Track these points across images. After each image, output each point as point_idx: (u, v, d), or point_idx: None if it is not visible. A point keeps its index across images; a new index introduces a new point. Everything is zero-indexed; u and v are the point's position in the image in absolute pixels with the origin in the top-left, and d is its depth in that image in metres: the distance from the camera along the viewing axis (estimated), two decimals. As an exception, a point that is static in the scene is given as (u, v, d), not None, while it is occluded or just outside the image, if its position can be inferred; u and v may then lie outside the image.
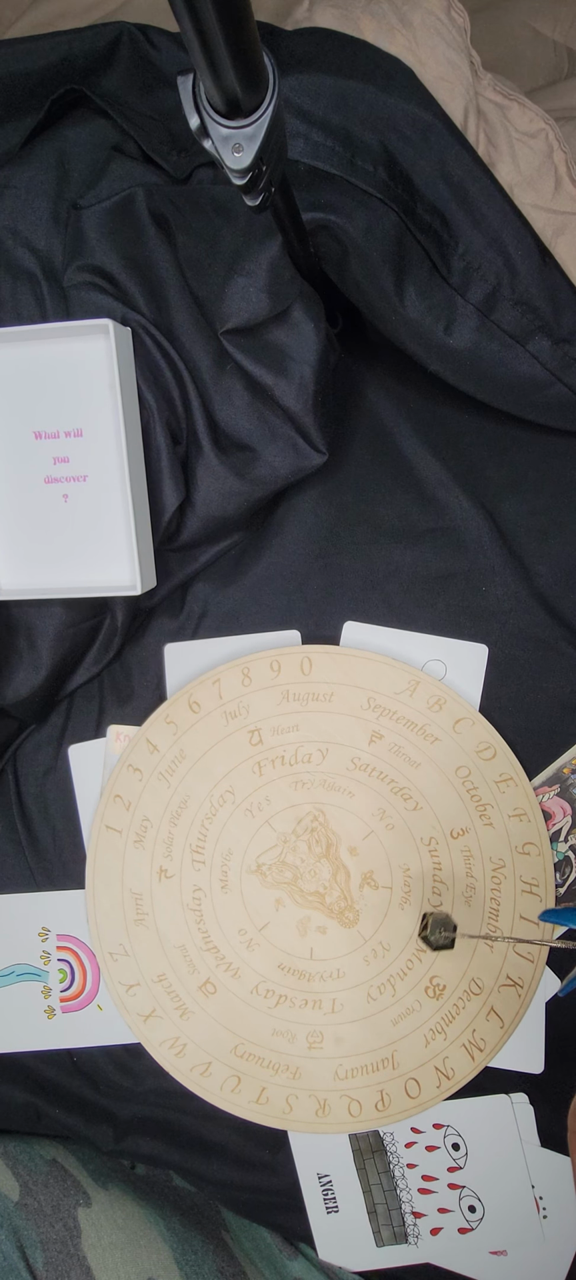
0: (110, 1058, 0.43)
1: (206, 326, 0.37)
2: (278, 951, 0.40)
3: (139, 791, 0.41)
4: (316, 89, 0.35)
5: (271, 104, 0.21)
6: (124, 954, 0.40)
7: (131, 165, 0.37)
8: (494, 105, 0.38)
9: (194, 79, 0.21)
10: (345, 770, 0.40)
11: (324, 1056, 0.39)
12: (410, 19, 0.37)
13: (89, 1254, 0.36)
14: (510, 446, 0.42)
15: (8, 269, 0.36)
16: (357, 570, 0.42)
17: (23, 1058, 0.43)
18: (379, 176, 0.34)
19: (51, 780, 0.42)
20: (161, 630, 0.42)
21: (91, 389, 0.35)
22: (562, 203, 0.38)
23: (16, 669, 0.39)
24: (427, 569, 0.41)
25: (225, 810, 0.41)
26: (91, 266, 0.36)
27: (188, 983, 0.40)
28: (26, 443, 0.36)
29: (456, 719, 0.40)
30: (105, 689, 0.42)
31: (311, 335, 0.36)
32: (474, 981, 0.39)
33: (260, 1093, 0.39)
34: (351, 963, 0.40)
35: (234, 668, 0.41)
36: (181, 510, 0.39)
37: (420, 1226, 0.41)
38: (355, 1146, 0.41)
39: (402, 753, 0.40)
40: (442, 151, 0.34)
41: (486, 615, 0.40)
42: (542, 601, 0.40)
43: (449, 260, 0.35)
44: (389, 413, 0.42)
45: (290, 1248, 0.44)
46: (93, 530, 0.37)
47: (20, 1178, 0.38)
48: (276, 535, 0.42)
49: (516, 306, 0.35)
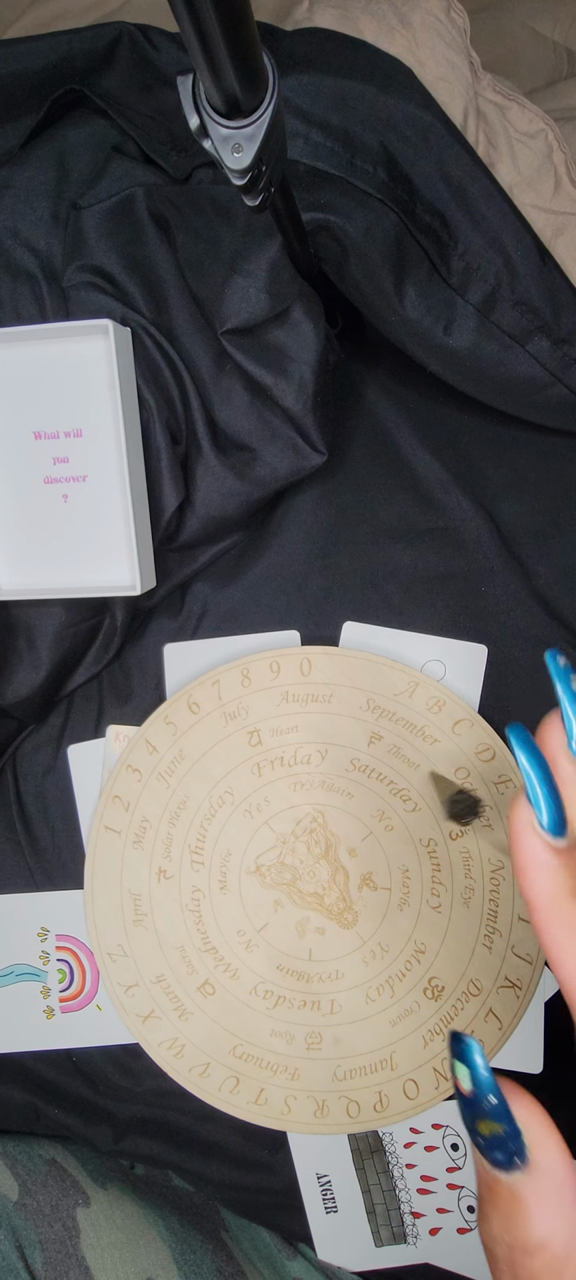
0: (109, 1058, 0.43)
1: (206, 327, 0.37)
2: (276, 952, 0.40)
3: (138, 792, 0.41)
4: (316, 89, 0.35)
5: (271, 104, 0.21)
6: (122, 954, 0.40)
7: (131, 165, 0.37)
8: (493, 106, 0.38)
9: (193, 79, 0.21)
10: (344, 771, 0.40)
11: (322, 1057, 0.39)
12: (410, 19, 0.37)
13: (88, 1254, 0.36)
14: (510, 446, 0.42)
15: (7, 269, 0.36)
16: (357, 570, 0.42)
17: (22, 1058, 0.43)
18: (378, 177, 0.34)
19: (51, 780, 0.42)
20: (161, 630, 0.42)
21: (91, 389, 0.35)
22: (562, 203, 0.38)
23: (16, 669, 0.39)
24: (427, 569, 0.41)
25: (224, 811, 0.41)
26: (91, 266, 0.36)
27: (186, 983, 0.40)
28: (26, 443, 0.36)
29: (455, 720, 0.40)
30: (104, 689, 0.42)
31: (311, 335, 0.36)
32: (472, 983, 0.39)
33: (259, 1093, 0.39)
34: (350, 964, 0.40)
35: (233, 669, 0.41)
36: (181, 510, 0.39)
37: (419, 1226, 0.41)
38: (354, 1147, 0.41)
39: (402, 754, 0.40)
40: (442, 152, 0.34)
41: (486, 615, 0.40)
42: (542, 602, 0.40)
43: (448, 261, 0.35)
44: (388, 413, 0.42)
45: (289, 1248, 0.44)
46: (92, 530, 0.37)
47: (19, 1177, 0.38)
48: (276, 535, 0.42)
49: (516, 307, 0.35)
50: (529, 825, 0.17)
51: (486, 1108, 0.16)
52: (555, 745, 0.18)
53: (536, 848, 0.17)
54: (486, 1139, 0.16)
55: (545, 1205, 0.16)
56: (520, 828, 0.17)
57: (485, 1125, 0.16)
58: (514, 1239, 0.16)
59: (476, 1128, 0.17)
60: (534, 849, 0.17)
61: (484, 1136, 0.16)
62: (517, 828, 0.17)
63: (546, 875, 0.17)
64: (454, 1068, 0.17)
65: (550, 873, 0.17)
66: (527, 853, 0.17)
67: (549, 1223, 0.16)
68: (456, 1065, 0.17)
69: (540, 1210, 0.16)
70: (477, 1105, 0.16)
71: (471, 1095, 0.17)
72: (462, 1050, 0.17)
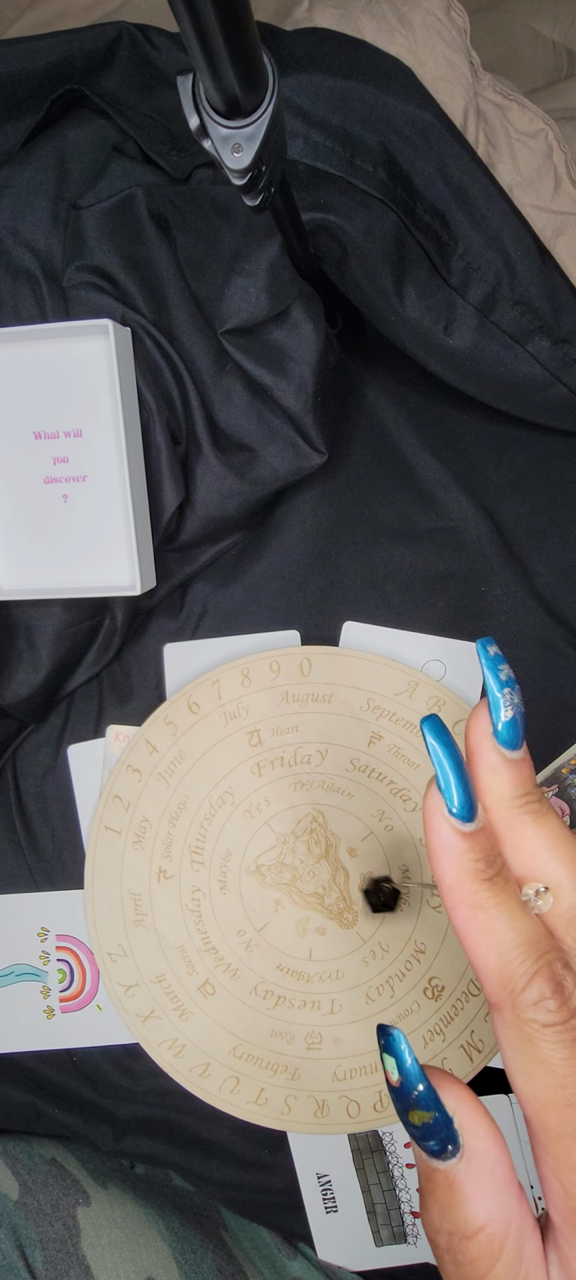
0: (109, 1058, 0.43)
1: (206, 326, 0.37)
2: (276, 952, 0.40)
3: (138, 792, 0.41)
4: (316, 89, 0.35)
5: (271, 104, 0.21)
6: (123, 954, 0.40)
7: (131, 165, 0.37)
8: (493, 105, 0.38)
9: (193, 79, 0.21)
10: (344, 771, 0.40)
11: (323, 1057, 0.39)
12: (410, 19, 0.37)
13: (88, 1253, 0.36)
14: (510, 446, 0.42)
15: (7, 269, 0.36)
16: (357, 570, 0.41)
17: (22, 1058, 0.43)
18: (378, 177, 0.34)
19: (51, 780, 0.42)
20: (161, 630, 0.42)
21: (91, 389, 0.35)
22: (562, 203, 0.38)
23: (16, 669, 0.39)
24: (427, 569, 0.41)
25: (224, 811, 0.41)
26: (91, 266, 0.35)
27: (186, 983, 0.40)
28: (26, 443, 0.36)
29: (455, 720, 0.40)
30: (104, 689, 0.42)
31: (311, 335, 0.36)
32: (472, 982, 0.39)
33: (259, 1093, 0.39)
34: (350, 964, 0.40)
35: (233, 668, 0.41)
36: (181, 510, 0.39)
37: (419, 1226, 0.41)
38: (354, 1146, 0.41)
39: (402, 754, 0.40)
40: (442, 152, 0.34)
41: (486, 615, 0.40)
42: (542, 601, 0.40)
43: (448, 261, 0.35)
44: (388, 413, 0.42)
45: (289, 1247, 0.44)
46: (92, 530, 0.37)
47: (19, 1177, 0.38)
48: (276, 535, 0.42)
49: (516, 307, 0.35)
50: (438, 811, 0.18)
51: (415, 1097, 0.17)
52: (480, 733, 0.18)
53: (444, 831, 0.18)
54: (418, 1129, 0.17)
55: (480, 1189, 0.17)
56: (430, 813, 0.18)
57: (416, 1115, 0.17)
58: (453, 1225, 0.17)
59: (409, 1118, 0.17)
60: (441, 832, 0.18)
61: (416, 1126, 0.17)
62: (428, 813, 0.18)
63: (452, 858, 0.18)
64: (383, 1060, 0.17)
65: (455, 855, 0.18)
66: (436, 836, 0.18)
67: (485, 1206, 0.17)
68: (384, 1057, 0.17)
69: (475, 1194, 0.17)
70: (406, 1095, 0.17)
71: (399, 1085, 0.17)
72: (388, 1042, 0.17)
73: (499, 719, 0.18)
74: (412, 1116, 0.17)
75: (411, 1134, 0.17)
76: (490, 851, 0.18)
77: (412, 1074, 0.17)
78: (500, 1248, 0.16)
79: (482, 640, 0.19)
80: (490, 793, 0.18)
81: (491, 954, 0.17)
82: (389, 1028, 0.17)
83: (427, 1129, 0.17)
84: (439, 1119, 0.17)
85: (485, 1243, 0.16)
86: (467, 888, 0.17)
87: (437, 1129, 0.17)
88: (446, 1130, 0.17)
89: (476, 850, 0.18)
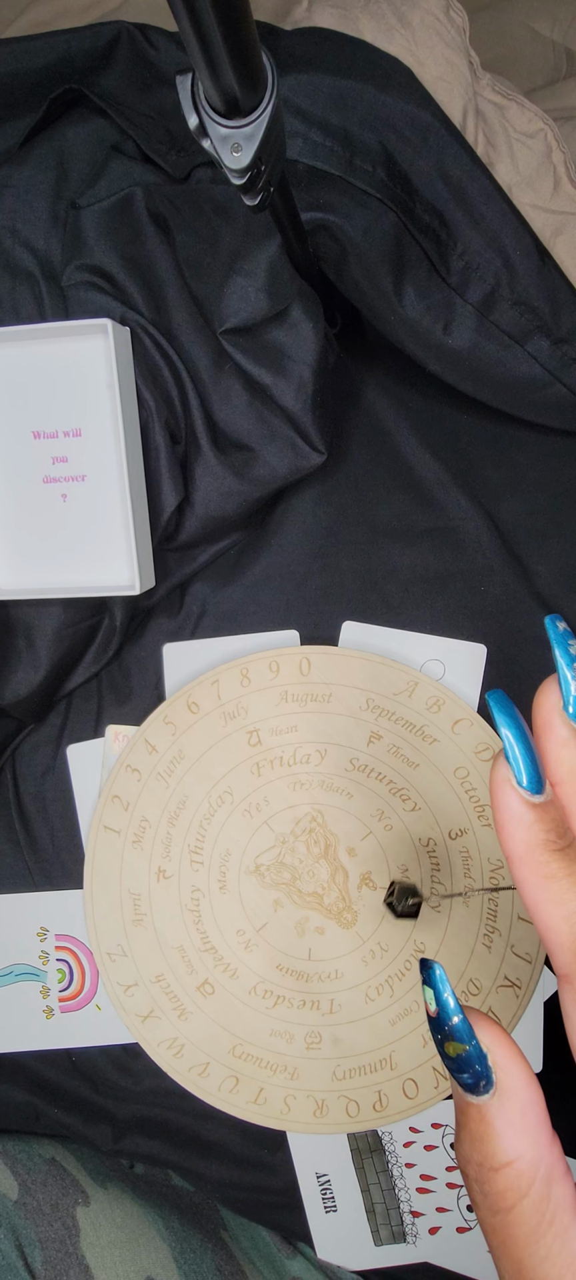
0: (109, 1058, 0.43)
1: (205, 326, 0.37)
2: (276, 952, 0.40)
3: (137, 792, 0.41)
4: (315, 89, 0.35)
5: (270, 104, 0.21)
6: (122, 954, 0.40)
7: (130, 165, 0.37)
8: (492, 105, 0.38)
9: (192, 78, 0.21)
10: (344, 771, 0.40)
11: (322, 1057, 0.39)
12: (409, 19, 0.37)
13: (88, 1253, 0.36)
14: (509, 446, 0.42)
15: (6, 268, 0.36)
16: (356, 570, 0.41)
17: (22, 1058, 0.43)
18: (378, 176, 0.34)
19: (50, 780, 0.42)
20: (160, 630, 0.42)
21: (90, 389, 0.35)
22: (561, 203, 0.38)
23: (15, 669, 0.39)
24: (426, 569, 0.41)
25: (223, 811, 0.41)
26: (90, 266, 0.35)
27: (186, 983, 0.40)
28: (25, 442, 0.36)
29: (455, 720, 0.40)
30: (104, 689, 0.42)
31: (310, 335, 0.36)
32: (472, 982, 0.39)
33: (258, 1093, 0.39)
34: (350, 963, 0.40)
35: (232, 668, 0.41)
36: (180, 510, 0.39)
37: (418, 1226, 0.41)
38: (353, 1146, 0.41)
39: (401, 754, 0.40)
40: (441, 151, 0.34)
41: (485, 615, 0.40)
42: (542, 601, 0.40)
43: (448, 260, 0.35)
44: (388, 413, 0.42)
45: (289, 1247, 0.44)
46: (91, 530, 0.36)
47: (19, 1176, 0.38)
48: (275, 535, 0.42)
49: (515, 307, 0.35)
50: (506, 782, 0.18)
51: (449, 1028, 0.17)
52: (550, 707, 0.18)
53: (512, 802, 0.18)
54: (453, 1060, 0.18)
55: (510, 1125, 0.17)
56: (498, 785, 0.18)
57: (451, 1046, 0.18)
58: (482, 1157, 0.17)
59: (445, 1050, 0.18)
60: (510, 804, 0.18)
61: (451, 1058, 0.18)
62: (496, 785, 0.18)
63: (521, 828, 0.18)
64: (423, 990, 0.18)
65: (524, 826, 0.18)
66: (505, 808, 0.18)
67: (514, 1142, 0.17)
68: (424, 989, 0.18)
69: (505, 1130, 0.17)
70: (442, 1026, 0.18)
71: (436, 1015, 0.18)
72: (428, 975, 0.18)
73: (570, 694, 0.18)
74: (448, 1048, 0.18)
75: (447, 1066, 0.18)
76: (560, 823, 0.18)
77: (448, 1006, 0.18)
78: (528, 1185, 0.17)
79: (551, 616, 0.19)
80: (561, 765, 0.18)
81: (564, 925, 0.17)
82: (430, 961, 0.18)
83: (461, 1061, 0.17)
84: (472, 1052, 0.17)
85: (513, 1177, 0.17)
86: (538, 858, 0.18)
87: (471, 1062, 0.17)
88: (480, 1064, 0.17)
89: (546, 821, 0.18)
